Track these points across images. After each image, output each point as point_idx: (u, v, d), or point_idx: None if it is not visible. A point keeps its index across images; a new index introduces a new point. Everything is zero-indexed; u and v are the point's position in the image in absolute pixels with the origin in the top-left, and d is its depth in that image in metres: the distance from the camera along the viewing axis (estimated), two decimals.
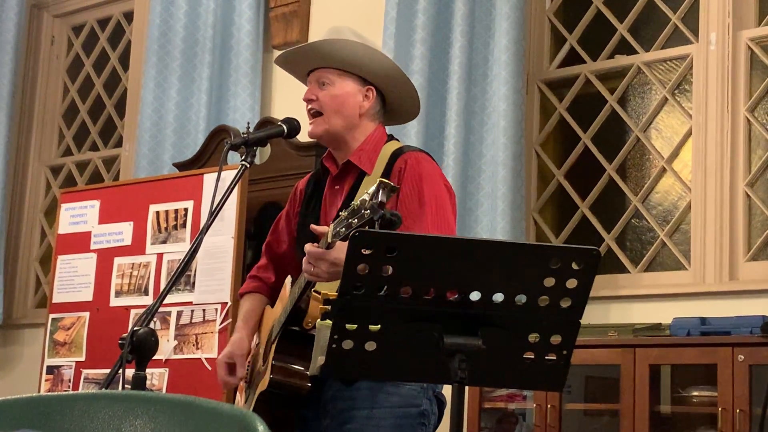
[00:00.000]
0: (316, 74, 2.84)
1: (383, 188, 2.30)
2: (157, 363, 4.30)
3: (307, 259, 2.53)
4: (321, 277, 2.53)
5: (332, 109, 2.80)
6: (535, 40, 4.53)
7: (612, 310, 4.02)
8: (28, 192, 6.18)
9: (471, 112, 4.31)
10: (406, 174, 2.73)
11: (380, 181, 2.31)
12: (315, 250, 2.50)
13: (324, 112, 2.81)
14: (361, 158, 2.80)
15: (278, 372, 2.70)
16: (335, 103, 2.81)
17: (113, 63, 6.04)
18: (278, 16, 5.11)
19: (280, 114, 4.08)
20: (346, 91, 2.82)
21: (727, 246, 3.91)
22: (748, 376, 3.34)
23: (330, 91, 2.81)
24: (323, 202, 2.87)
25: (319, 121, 2.81)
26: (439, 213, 2.70)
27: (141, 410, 1.61)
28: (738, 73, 4.01)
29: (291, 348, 2.71)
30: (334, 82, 2.82)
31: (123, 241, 4.68)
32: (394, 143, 2.86)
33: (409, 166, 2.74)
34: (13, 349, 5.96)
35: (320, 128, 2.81)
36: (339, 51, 2.80)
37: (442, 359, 2.00)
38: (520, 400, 3.91)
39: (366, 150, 2.81)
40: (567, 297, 2.00)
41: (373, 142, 2.83)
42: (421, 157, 2.79)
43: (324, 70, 2.83)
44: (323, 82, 2.82)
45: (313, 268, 2.52)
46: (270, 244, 3.04)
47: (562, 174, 4.40)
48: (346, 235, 2.35)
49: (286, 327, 2.72)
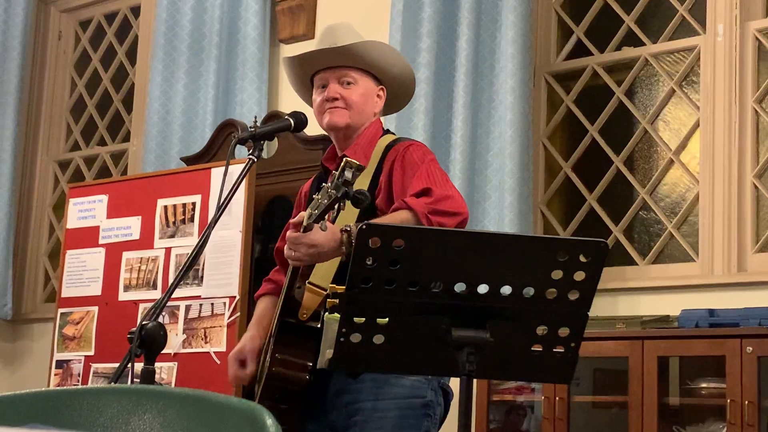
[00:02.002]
0: (336, 73, 2.86)
1: (348, 167, 2.36)
2: (165, 357, 4.31)
3: (288, 245, 2.60)
4: (302, 260, 2.60)
5: (359, 108, 2.86)
6: (542, 32, 4.52)
7: (620, 302, 4.02)
8: (37, 187, 6.19)
9: (478, 104, 4.31)
10: (396, 160, 2.79)
11: (345, 159, 2.38)
12: (293, 234, 2.58)
13: (349, 110, 2.85)
14: (356, 152, 2.83)
15: (276, 364, 2.71)
16: (362, 101, 2.87)
17: (120, 58, 6.05)
18: (285, 9, 5.11)
19: (287, 108, 4.07)
20: (368, 90, 2.89)
21: (735, 238, 3.90)
22: (757, 368, 3.34)
23: (355, 90, 2.86)
24: None
25: (344, 112, 2.85)
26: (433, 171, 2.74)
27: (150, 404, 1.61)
28: (746, 65, 4.00)
29: (288, 340, 2.73)
30: (358, 81, 2.87)
31: (131, 236, 4.68)
32: (390, 136, 2.91)
33: (400, 152, 2.80)
34: (22, 344, 5.97)
35: (344, 120, 2.85)
36: (369, 52, 2.86)
37: (450, 352, 2.01)
38: (529, 392, 3.91)
39: (361, 144, 2.86)
40: (575, 289, 2.00)
41: (369, 136, 2.88)
42: (413, 143, 2.85)
43: (347, 69, 2.86)
44: (347, 81, 2.86)
45: (293, 253, 2.59)
46: (279, 250, 3.06)
47: (569, 166, 4.39)
48: (318, 215, 2.45)
49: (282, 318, 2.73)
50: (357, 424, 2.68)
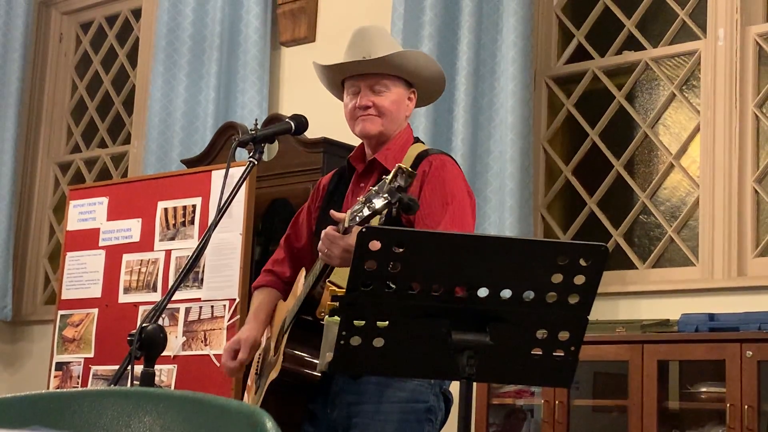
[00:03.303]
0: (369, 80, 2.85)
1: (401, 173, 2.35)
2: (165, 359, 4.31)
3: (323, 240, 2.57)
4: (333, 260, 2.57)
5: (391, 114, 2.86)
6: (543, 36, 4.52)
7: (620, 306, 4.02)
8: (37, 189, 6.19)
9: (479, 108, 4.31)
10: (430, 176, 2.77)
11: (398, 166, 2.35)
12: (332, 233, 2.55)
13: (382, 117, 2.85)
14: (387, 157, 2.83)
15: (290, 360, 2.71)
16: (394, 108, 2.86)
17: (121, 60, 6.05)
18: (286, 12, 5.11)
19: (288, 110, 4.08)
20: (400, 96, 2.88)
21: (735, 242, 3.90)
22: (757, 372, 3.34)
23: (388, 97, 2.86)
24: (345, 198, 2.89)
25: (377, 120, 2.85)
26: (459, 216, 2.73)
27: (149, 407, 1.61)
28: (746, 69, 4.00)
29: (303, 337, 2.73)
30: (390, 88, 2.86)
31: (131, 238, 4.68)
32: (420, 145, 2.91)
33: (434, 168, 2.78)
34: (22, 346, 5.97)
35: (376, 127, 2.85)
36: (402, 61, 2.84)
37: (450, 355, 2.01)
38: (528, 396, 3.91)
39: (393, 149, 2.85)
40: (575, 293, 2.00)
41: (401, 142, 2.87)
42: (446, 160, 2.84)
43: (379, 77, 2.85)
44: (379, 89, 2.85)
45: (327, 249, 2.56)
46: (289, 237, 3.06)
47: (569, 170, 4.40)
48: (365, 218, 2.40)
49: (299, 316, 2.73)
50: (358, 426, 2.68)
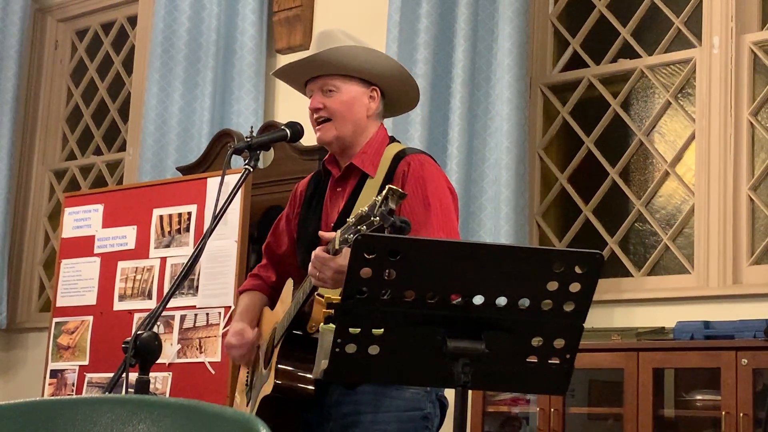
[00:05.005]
0: (318, 82, 2.82)
1: (392, 195, 2.30)
2: (160, 367, 4.31)
3: (314, 263, 2.53)
4: (326, 282, 2.53)
5: (342, 115, 2.79)
6: (538, 43, 4.53)
7: (615, 313, 4.02)
8: (32, 196, 6.19)
9: (474, 115, 4.31)
10: (409, 177, 2.72)
11: (389, 188, 2.30)
12: (322, 255, 2.51)
13: (333, 119, 2.79)
14: (364, 161, 2.79)
15: (282, 376, 2.70)
16: (344, 108, 2.79)
17: (117, 67, 6.05)
18: (281, 20, 5.11)
19: (284, 118, 4.07)
20: (353, 95, 2.81)
21: (730, 250, 3.91)
22: (752, 380, 3.34)
23: (337, 98, 2.80)
24: (324, 203, 2.86)
25: (329, 126, 2.80)
26: (444, 216, 2.70)
27: (144, 414, 1.61)
28: (741, 77, 4.00)
29: (295, 352, 2.71)
30: (340, 88, 2.80)
31: (126, 245, 4.68)
32: (397, 145, 2.85)
33: (413, 168, 2.74)
34: (16, 353, 5.96)
35: (330, 134, 2.80)
36: (341, 58, 2.79)
37: (445, 363, 2.00)
38: (524, 403, 3.91)
39: (369, 153, 2.81)
40: (570, 301, 2.00)
41: (376, 144, 2.82)
42: (424, 160, 2.79)
43: (327, 78, 2.81)
44: (328, 89, 2.80)
45: (318, 273, 2.52)
46: (270, 245, 3.05)
47: (565, 178, 4.40)
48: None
49: (290, 331, 2.72)
50: None
